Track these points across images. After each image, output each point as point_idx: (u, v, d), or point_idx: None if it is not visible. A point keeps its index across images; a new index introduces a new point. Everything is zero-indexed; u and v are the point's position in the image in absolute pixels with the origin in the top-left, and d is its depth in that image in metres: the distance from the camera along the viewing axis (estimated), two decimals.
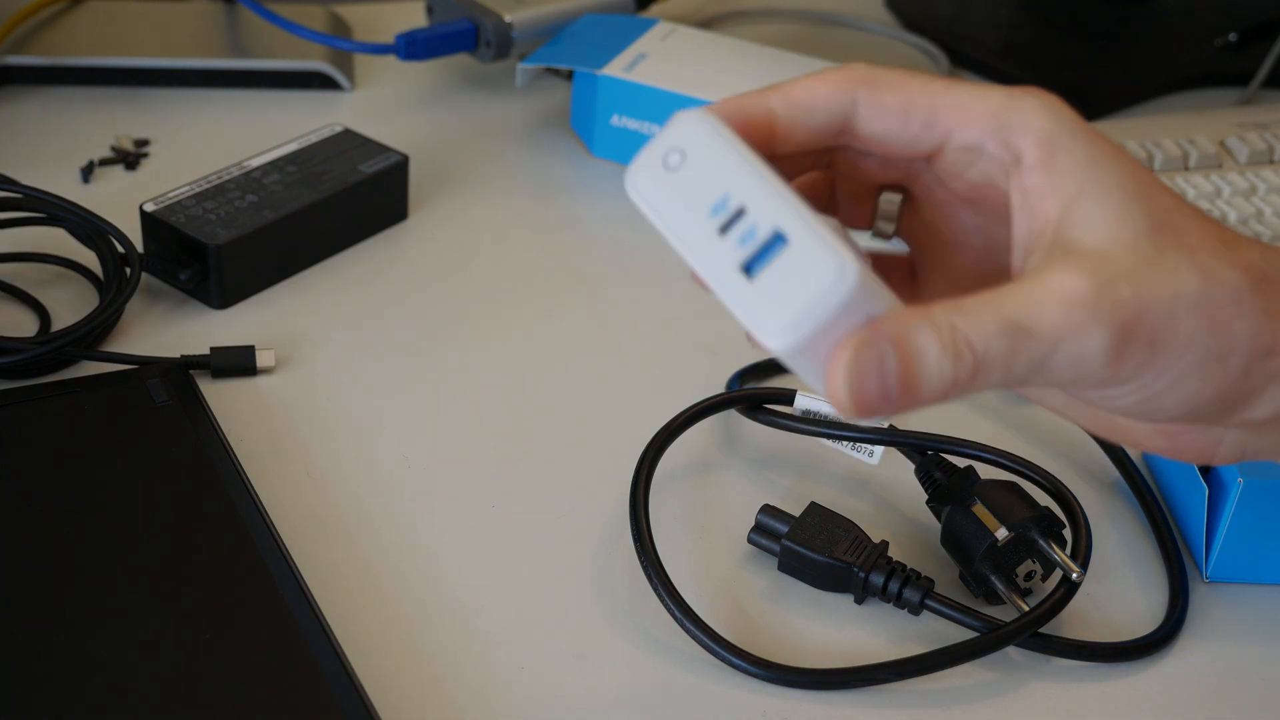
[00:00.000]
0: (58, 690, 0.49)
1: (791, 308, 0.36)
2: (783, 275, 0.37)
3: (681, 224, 0.39)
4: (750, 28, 1.00)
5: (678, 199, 0.39)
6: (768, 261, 0.37)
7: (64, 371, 0.65)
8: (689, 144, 0.39)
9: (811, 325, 0.36)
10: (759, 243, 0.37)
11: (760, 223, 0.37)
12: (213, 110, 0.85)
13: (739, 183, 0.38)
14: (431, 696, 0.52)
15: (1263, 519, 0.57)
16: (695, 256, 0.38)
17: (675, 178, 0.39)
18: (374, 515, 0.59)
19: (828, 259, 0.36)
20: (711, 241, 0.38)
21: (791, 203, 0.37)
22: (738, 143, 0.39)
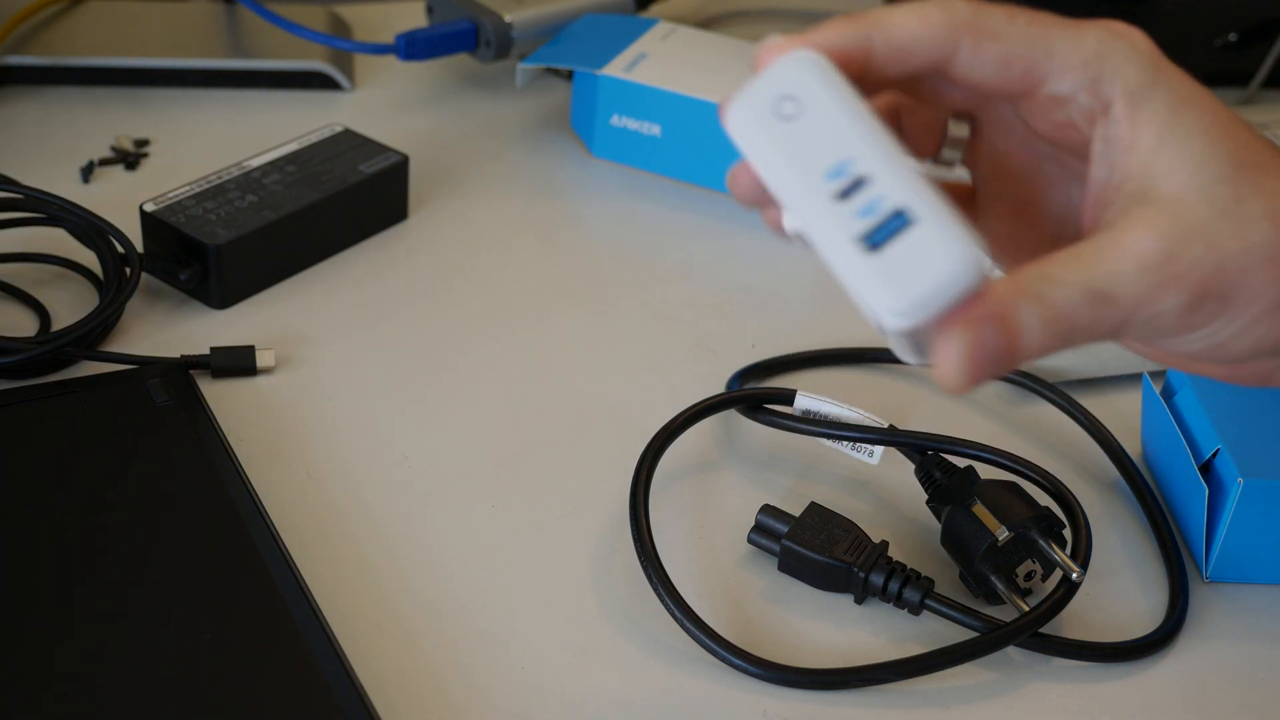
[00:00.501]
0: (58, 690, 0.49)
1: (916, 289, 0.36)
2: (906, 254, 0.36)
3: (792, 179, 0.37)
4: (750, 28, 1.00)
5: (790, 152, 0.37)
6: (891, 238, 0.36)
7: (64, 371, 0.65)
8: (803, 92, 0.38)
9: (936, 309, 0.36)
10: (882, 217, 0.36)
11: (885, 196, 0.36)
12: (213, 110, 0.85)
13: (861, 148, 0.37)
14: (431, 696, 0.52)
15: (1263, 519, 0.57)
16: (805, 216, 0.37)
17: (789, 129, 0.37)
18: (374, 515, 0.59)
19: (955, 243, 0.36)
20: (827, 205, 0.37)
21: (914, 176, 0.37)
22: (854, 97, 0.38)
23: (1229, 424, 0.59)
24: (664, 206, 0.80)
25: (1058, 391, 0.66)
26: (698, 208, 0.81)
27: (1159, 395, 0.62)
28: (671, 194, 0.81)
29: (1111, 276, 0.38)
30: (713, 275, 0.76)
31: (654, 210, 0.80)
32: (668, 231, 0.79)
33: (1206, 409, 0.59)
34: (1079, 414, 0.65)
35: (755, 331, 0.71)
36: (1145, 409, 0.64)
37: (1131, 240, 0.38)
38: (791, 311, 0.74)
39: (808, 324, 0.72)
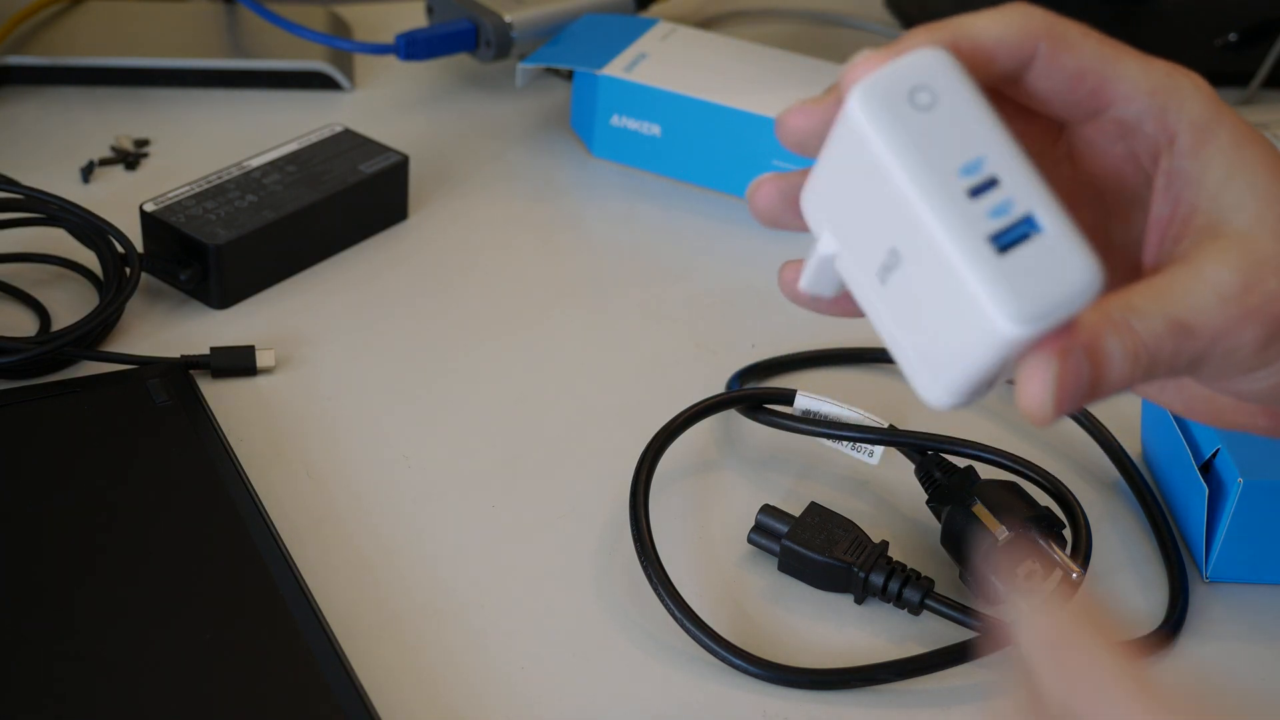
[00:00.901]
0: (58, 690, 0.49)
1: (1038, 298, 0.35)
2: (1032, 261, 0.36)
3: (925, 170, 0.36)
4: (750, 28, 1.00)
5: (923, 142, 0.37)
6: (1018, 242, 0.36)
7: (64, 371, 0.65)
8: (938, 86, 0.37)
9: (1054, 321, 0.36)
10: (1012, 220, 0.36)
11: (1016, 200, 0.36)
12: (213, 110, 0.85)
13: (994, 149, 0.37)
14: (431, 696, 0.52)
15: (1263, 519, 0.57)
16: (934, 211, 0.36)
17: (924, 119, 0.37)
18: (374, 515, 0.59)
19: (1081, 258, 0.36)
20: (958, 201, 0.36)
21: (1043, 186, 0.36)
22: (985, 100, 0.37)
23: None
24: (664, 206, 0.80)
25: None
26: (698, 208, 0.81)
27: None
28: (671, 194, 0.81)
29: (1192, 309, 0.38)
30: (713, 275, 0.76)
31: (654, 210, 0.80)
32: (668, 231, 0.79)
33: None
34: (1079, 414, 0.65)
35: (755, 331, 0.71)
36: (1145, 409, 0.64)
37: (1209, 272, 0.38)
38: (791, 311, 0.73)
39: (808, 324, 0.72)
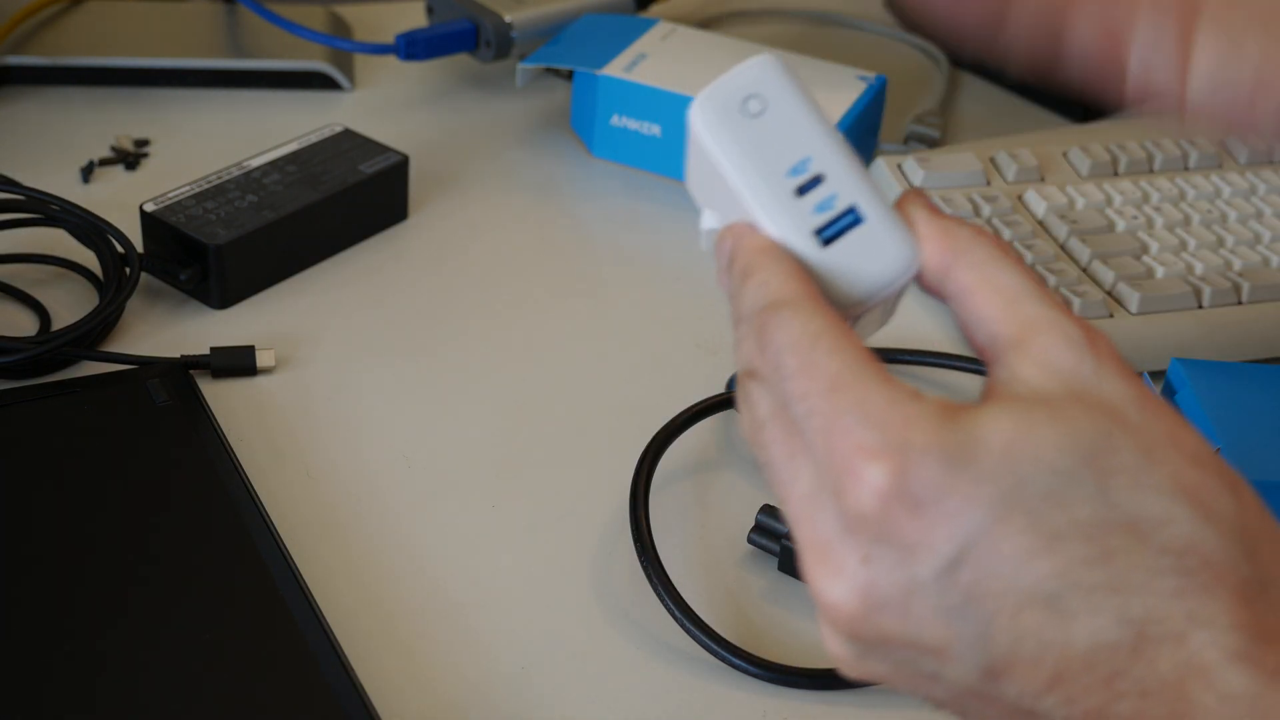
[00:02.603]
0: (58, 690, 0.49)
1: (864, 282, 0.39)
2: (856, 248, 0.39)
3: (755, 174, 0.40)
4: (750, 28, 1.00)
5: (754, 148, 0.40)
6: (843, 233, 0.39)
7: (64, 372, 0.65)
8: (768, 94, 0.40)
9: (873, 302, 0.39)
10: (836, 213, 0.39)
11: (840, 194, 0.39)
12: (213, 110, 0.85)
13: (820, 149, 0.39)
14: (431, 696, 0.52)
15: None
16: (764, 209, 0.39)
17: (755, 125, 0.40)
18: (374, 515, 0.59)
19: (900, 240, 0.39)
20: (787, 200, 0.39)
21: (866, 179, 0.39)
22: (814, 104, 0.40)
23: (1229, 424, 0.59)
24: (664, 206, 0.80)
25: None
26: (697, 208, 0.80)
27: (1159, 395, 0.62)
28: (671, 194, 0.81)
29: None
30: (713, 275, 0.75)
31: (654, 210, 0.80)
32: (668, 231, 0.79)
33: (1207, 409, 0.59)
34: None
35: None
36: None
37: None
38: None
39: None
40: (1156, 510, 0.34)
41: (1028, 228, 0.75)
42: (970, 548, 0.34)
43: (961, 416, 0.35)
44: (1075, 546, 0.34)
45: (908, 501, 0.34)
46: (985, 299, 0.38)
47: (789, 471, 0.37)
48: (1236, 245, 0.75)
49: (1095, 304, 0.70)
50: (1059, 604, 0.34)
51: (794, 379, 0.37)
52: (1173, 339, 0.70)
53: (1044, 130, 0.85)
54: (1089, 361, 0.36)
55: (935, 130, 0.88)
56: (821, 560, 0.36)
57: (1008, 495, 0.34)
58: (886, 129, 0.88)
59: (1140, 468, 0.34)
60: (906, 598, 0.35)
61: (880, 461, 0.35)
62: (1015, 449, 0.34)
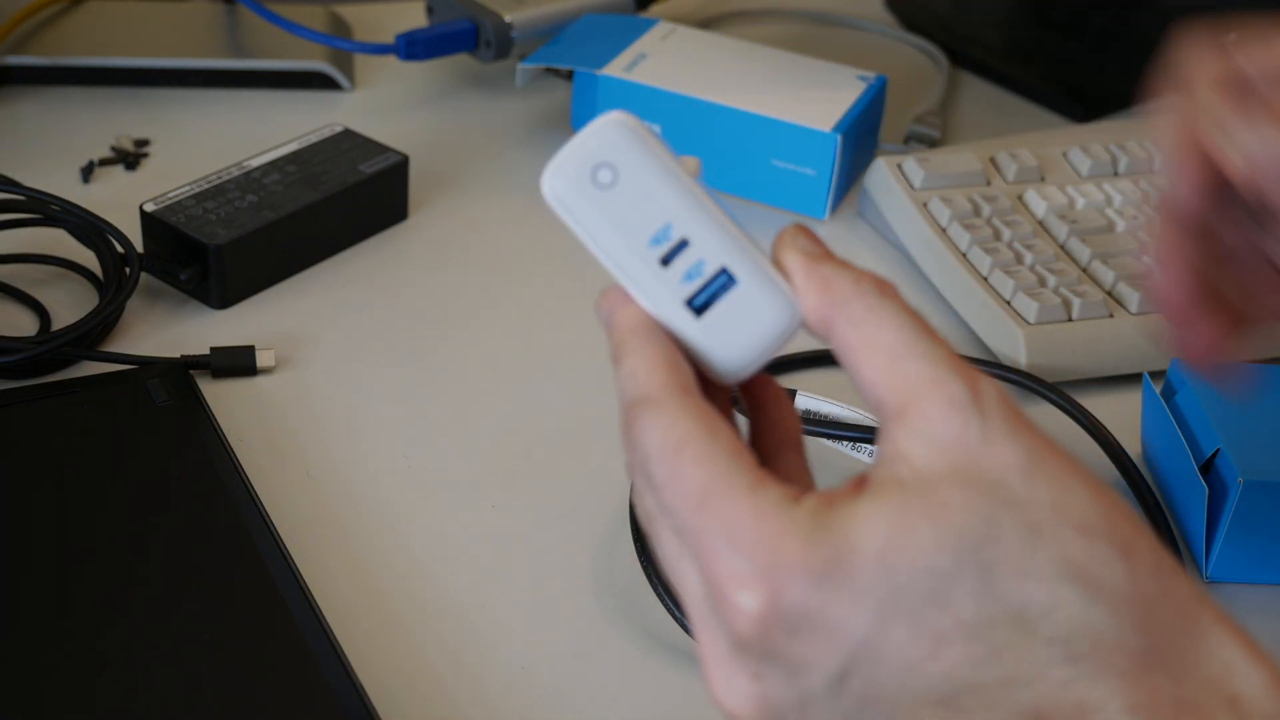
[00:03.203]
0: (58, 690, 0.49)
1: (744, 347, 0.37)
2: (732, 313, 0.37)
3: (615, 248, 0.38)
4: (750, 28, 1.00)
5: (611, 220, 0.38)
6: (715, 299, 0.37)
7: (64, 372, 0.65)
8: (618, 160, 0.38)
9: (762, 361, 0.38)
10: (705, 279, 0.37)
11: (707, 259, 0.37)
12: (213, 110, 0.85)
13: (680, 212, 0.38)
14: (431, 696, 0.52)
15: (1263, 519, 0.57)
16: (633, 284, 0.38)
17: (607, 196, 0.38)
18: (374, 515, 0.59)
19: (776, 298, 0.37)
20: (653, 273, 0.38)
21: (732, 238, 0.37)
22: (669, 162, 0.38)
23: (1229, 424, 0.59)
24: None
25: (1058, 391, 0.66)
26: None
27: (1159, 395, 0.62)
28: None
29: None
30: None
31: None
32: None
33: (1206, 409, 0.59)
34: (1079, 414, 0.65)
35: None
36: (1145, 409, 0.64)
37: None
38: None
39: None
40: (1041, 597, 0.33)
41: (1028, 228, 0.75)
42: (856, 659, 0.34)
43: (834, 521, 0.34)
44: (961, 647, 0.33)
45: (785, 624, 0.34)
46: (867, 359, 0.36)
47: (679, 574, 0.37)
48: None
49: (1095, 304, 0.70)
50: (953, 703, 0.34)
51: (663, 489, 0.36)
52: None
53: (1044, 130, 0.85)
54: (974, 428, 0.35)
55: (935, 130, 0.88)
56: (717, 670, 0.36)
57: (886, 602, 0.33)
58: (886, 129, 0.88)
59: (1023, 553, 0.34)
60: (802, 709, 0.35)
61: (751, 589, 0.34)
62: (891, 552, 0.34)
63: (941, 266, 0.74)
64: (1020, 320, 0.69)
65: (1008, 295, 0.71)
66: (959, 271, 0.73)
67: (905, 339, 0.36)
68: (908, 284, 0.76)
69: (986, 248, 0.73)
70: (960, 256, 0.73)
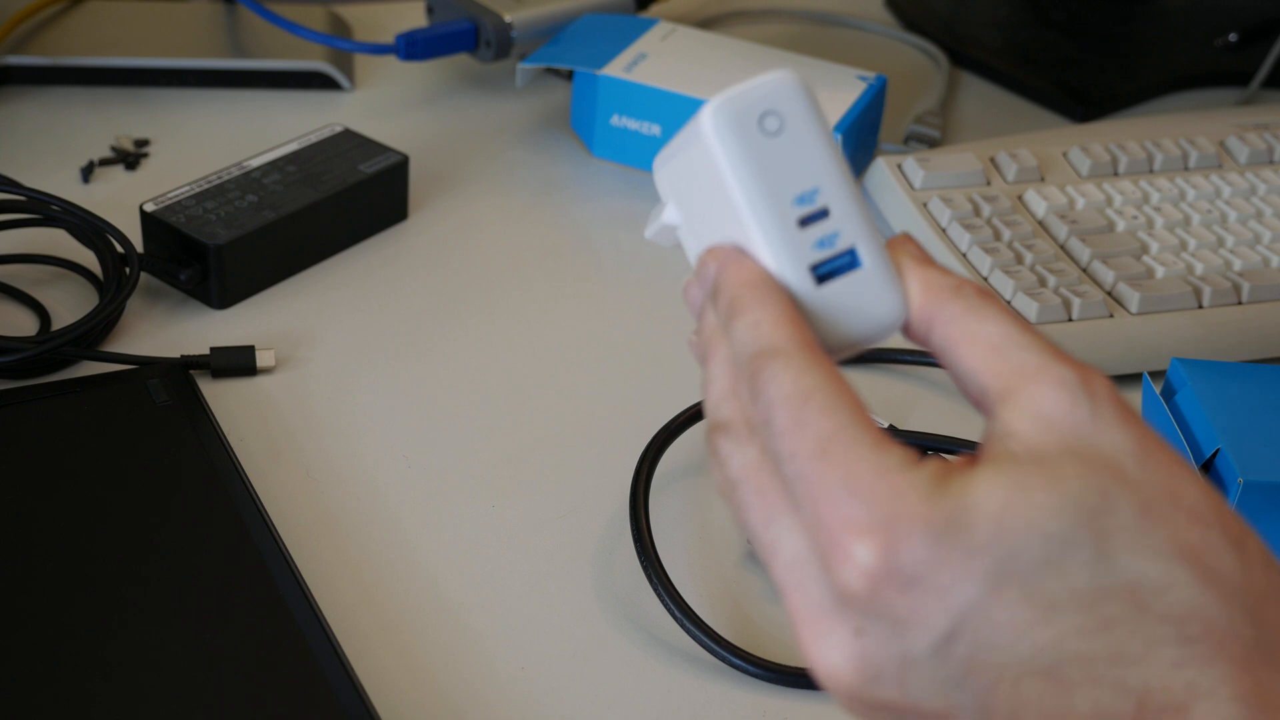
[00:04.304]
0: (58, 690, 0.49)
1: (853, 327, 0.38)
2: (850, 291, 0.38)
3: (761, 195, 0.38)
4: (750, 28, 1.00)
5: (765, 168, 0.38)
6: (838, 274, 0.38)
7: (64, 372, 0.65)
8: (787, 113, 0.38)
9: (865, 345, 0.38)
10: (835, 251, 0.38)
11: (842, 233, 0.38)
12: (213, 110, 0.85)
13: (830, 181, 0.38)
14: (431, 696, 0.52)
15: (1263, 519, 0.57)
16: (765, 237, 0.38)
17: (770, 144, 0.38)
18: (374, 515, 0.59)
19: (892, 288, 0.38)
20: (788, 228, 0.38)
21: (868, 223, 0.38)
22: (829, 133, 0.38)
23: (1229, 424, 0.59)
24: None
25: None
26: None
27: (1159, 395, 0.62)
28: None
29: None
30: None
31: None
32: None
33: (1206, 409, 0.59)
34: None
35: None
36: (1145, 409, 0.64)
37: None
38: None
39: None
40: (1156, 574, 0.33)
41: (1028, 228, 0.75)
42: (965, 621, 0.34)
43: (952, 484, 0.34)
44: (1073, 616, 0.33)
45: (897, 579, 0.34)
46: (970, 351, 0.37)
47: (770, 535, 0.36)
48: (1236, 245, 0.75)
49: (1095, 304, 0.70)
50: (1058, 674, 0.33)
51: (784, 436, 0.36)
52: (1173, 339, 0.70)
53: (1044, 130, 0.85)
54: (1084, 408, 0.35)
55: (935, 130, 0.88)
56: (814, 629, 0.35)
57: (1001, 566, 0.33)
58: (886, 129, 0.88)
59: (1139, 528, 0.34)
60: (902, 670, 0.34)
61: (868, 539, 0.34)
62: (1008, 517, 0.33)
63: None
64: None
65: (1008, 295, 0.71)
66: (959, 271, 0.73)
67: (1009, 333, 0.37)
68: None
69: (986, 248, 0.73)
70: (960, 257, 0.73)
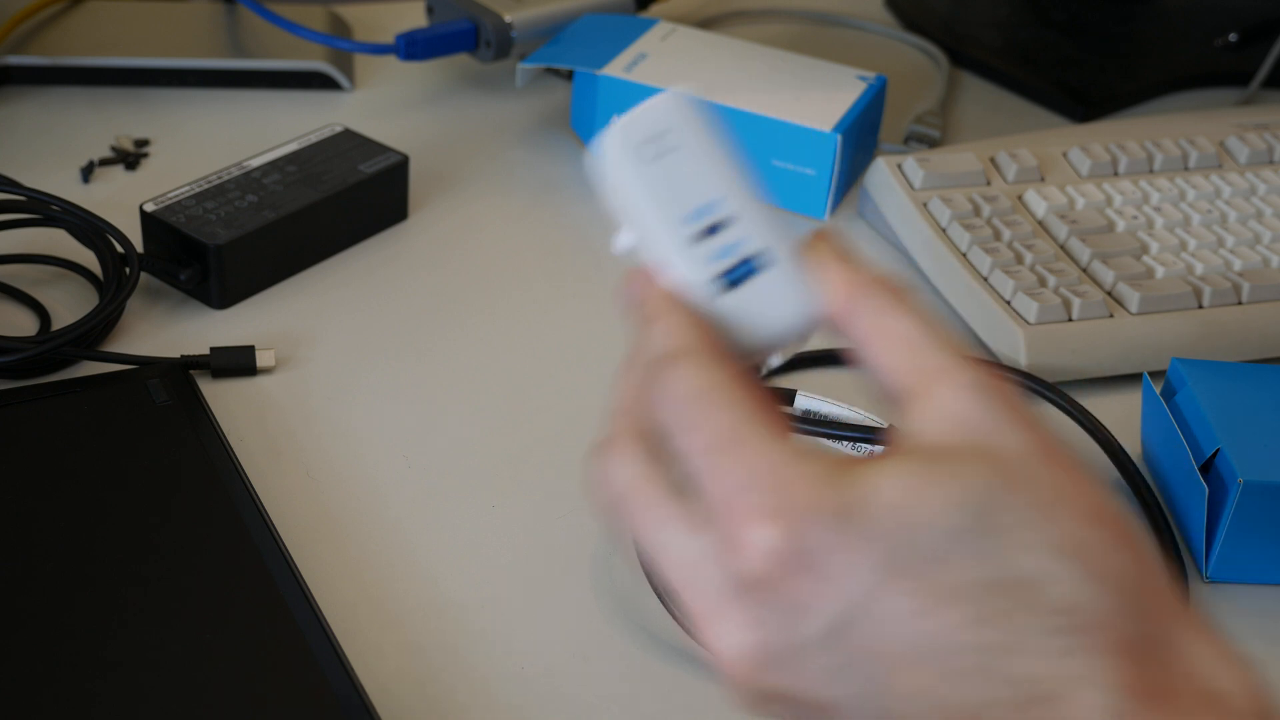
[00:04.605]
0: (58, 690, 0.49)
1: (767, 329, 0.39)
2: (759, 295, 0.38)
3: (656, 216, 0.39)
4: (750, 28, 1.00)
5: (657, 189, 0.39)
6: (746, 279, 0.38)
7: (64, 372, 0.65)
8: (680, 131, 0.39)
9: (781, 345, 0.39)
10: (739, 259, 0.39)
11: (745, 241, 0.39)
12: (213, 110, 0.85)
13: (728, 192, 0.39)
14: (431, 696, 0.52)
15: (1263, 519, 0.57)
16: (667, 250, 0.39)
17: (663, 164, 0.39)
18: (374, 515, 0.59)
19: (803, 287, 0.39)
20: (686, 245, 0.39)
21: (773, 223, 0.39)
22: (726, 145, 0.39)
23: (1229, 424, 0.59)
24: None
25: (1058, 391, 0.66)
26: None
27: (1159, 395, 0.62)
28: None
29: None
30: None
31: None
32: None
33: (1206, 409, 0.59)
34: (1079, 414, 0.65)
35: None
36: (1145, 409, 0.64)
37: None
38: None
39: None
40: (1045, 569, 0.34)
41: (1028, 228, 0.75)
42: (857, 609, 0.34)
43: (852, 474, 0.35)
44: (963, 608, 0.34)
45: (794, 563, 0.34)
46: (884, 348, 0.38)
47: (661, 540, 0.37)
48: (1236, 245, 0.75)
49: (1095, 304, 0.70)
50: (946, 664, 0.34)
51: (685, 434, 0.37)
52: (1173, 339, 0.70)
53: (1044, 130, 0.85)
54: (990, 411, 0.36)
55: (935, 130, 0.88)
56: (712, 621, 0.36)
57: (895, 555, 0.34)
58: (886, 129, 0.88)
59: (1031, 525, 0.34)
60: (797, 657, 0.35)
61: (768, 523, 0.35)
62: (905, 508, 0.34)
63: (941, 266, 0.74)
64: (1020, 320, 0.69)
65: (1008, 295, 0.71)
66: (959, 271, 0.73)
67: (924, 332, 0.37)
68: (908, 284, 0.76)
69: (986, 248, 0.73)
70: (960, 256, 0.73)
